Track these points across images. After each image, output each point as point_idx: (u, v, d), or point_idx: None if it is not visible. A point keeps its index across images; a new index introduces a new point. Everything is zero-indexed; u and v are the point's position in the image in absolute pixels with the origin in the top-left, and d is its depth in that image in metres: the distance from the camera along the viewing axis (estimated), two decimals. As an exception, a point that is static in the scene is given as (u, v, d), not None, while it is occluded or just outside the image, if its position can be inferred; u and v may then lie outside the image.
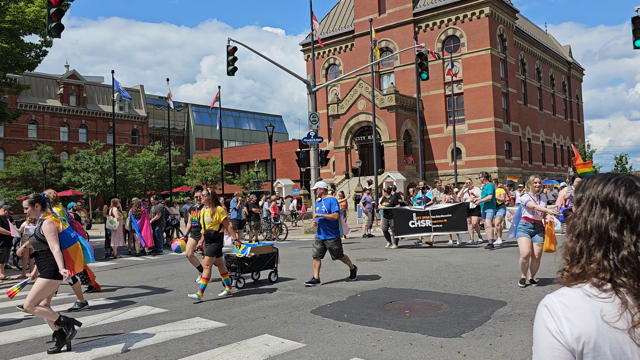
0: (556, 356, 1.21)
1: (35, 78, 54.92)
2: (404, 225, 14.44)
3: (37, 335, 6.45)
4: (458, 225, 13.96)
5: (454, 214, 14.01)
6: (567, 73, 60.48)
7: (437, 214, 14.16)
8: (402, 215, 14.57)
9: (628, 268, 1.22)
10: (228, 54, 19.22)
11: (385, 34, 45.32)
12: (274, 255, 9.90)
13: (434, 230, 14.20)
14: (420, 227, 14.31)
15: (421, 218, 14.28)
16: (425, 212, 14.28)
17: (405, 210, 14.66)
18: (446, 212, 14.10)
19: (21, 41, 21.37)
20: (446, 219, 14.04)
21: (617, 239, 1.25)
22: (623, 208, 1.27)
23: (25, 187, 46.80)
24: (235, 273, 9.32)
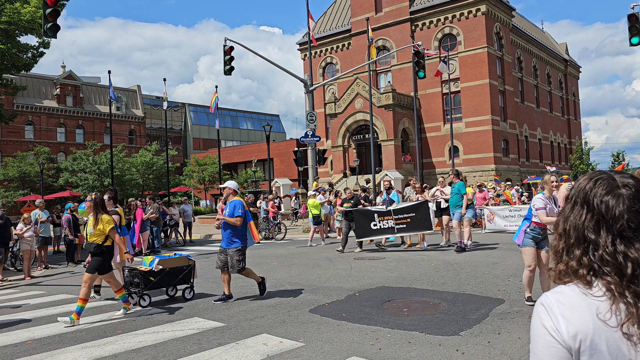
0: (553, 354, 1.21)
1: (32, 79, 54.79)
2: (366, 227, 13.60)
3: (35, 336, 6.44)
4: (422, 224, 13.16)
5: (417, 212, 13.18)
6: (563, 71, 60.56)
7: (399, 214, 13.34)
8: (363, 216, 13.71)
9: (608, 267, 1.23)
10: (225, 53, 19.20)
11: (382, 32, 45.31)
12: (190, 269, 8.55)
13: (397, 232, 13.38)
14: (383, 229, 13.47)
15: (383, 219, 13.43)
16: (387, 212, 13.46)
17: (366, 211, 13.81)
18: (409, 212, 13.28)
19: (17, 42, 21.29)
20: (409, 218, 13.21)
21: (594, 239, 1.26)
22: (598, 208, 1.27)
23: (22, 189, 46.70)
24: (138, 290, 7.94)
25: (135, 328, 6.61)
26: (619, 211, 1.25)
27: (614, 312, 1.19)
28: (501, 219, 17.65)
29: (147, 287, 8.01)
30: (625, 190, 1.27)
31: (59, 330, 6.67)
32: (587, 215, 1.29)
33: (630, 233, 1.23)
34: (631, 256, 1.21)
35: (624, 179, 1.30)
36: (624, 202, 1.25)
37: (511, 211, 17.54)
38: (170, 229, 19.65)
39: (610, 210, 1.26)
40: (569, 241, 1.31)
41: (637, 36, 15.77)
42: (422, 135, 43.56)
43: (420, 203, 13.42)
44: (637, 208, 1.25)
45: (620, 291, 1.20)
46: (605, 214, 1.26)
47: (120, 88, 63.63)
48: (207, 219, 32.84)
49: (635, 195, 1.26)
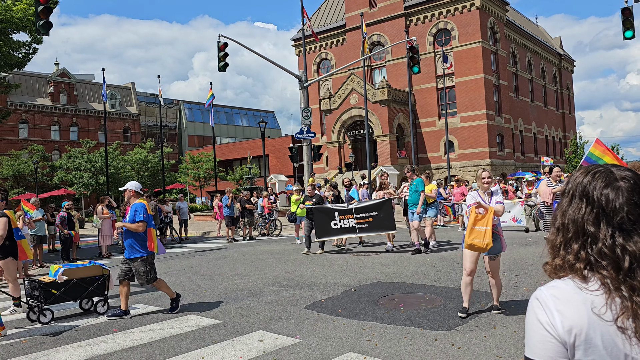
0: (548, 348, 1.21)
1: (25, 77, 54.48)
2: (326, 226, 12.74)
3: (29, 335, 6.41)
4: (385, 224, 12.33)
5: (380, 211, 12.33)
6: (558, 65, 60.69)
7: (361, 212, 12.48)
8: (323, 215, 12.83)
9: (606, 261, 1.23)
10: (219, 50, 19.13)
11: (377, 28, 45.26)
12: (104, 279, 7.61)
13: (358, 231, 12.57)
14: (344, 228, 12.63)
15: (344, 217, 12.60)
16: (348, 210, 12.64)
17: (327, 210, 12.91)
18: (371, 210, 12.43)
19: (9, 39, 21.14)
20: (372, 217, 12.37)
21: (593, 232, 1.26)
22: (598, 200, 1.27)
23: (16, 187, 46.49)
24: (38, 304, 6.95)
25: (131, 326, 6.59)
26: (619, 204, 1.24)
27: (609, 306, 1.18)
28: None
29: (48, 301, 6.98)
30: (623, 183, 1.27)
31: (54, 329, 6.65)
32: (586, 209, 1.28)
33: (630, 225, 1.23)
34: (629, 249, 1.21)
35: (621, 172, 1.30)
36: (622, 194, 1.25)
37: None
38: (166, 226, 19.61)
39: (611, 202, 1.25)
40: (567, 235, 1.30)
41: (631, 30, 15.80)
42: (417, 131, 43.60)
43: (383, 201, 12.46)
44: (635, 200, 1.24)
45: (616, 285, 1.20)
46: (606, 207, 1.26)
47: (115, 85, 63.35)
48: (203, 216, 32.79)
49: (633, 188, 1.26)
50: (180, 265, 12.46)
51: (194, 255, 14.83)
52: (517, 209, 15.61)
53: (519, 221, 15.55)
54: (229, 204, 18.80)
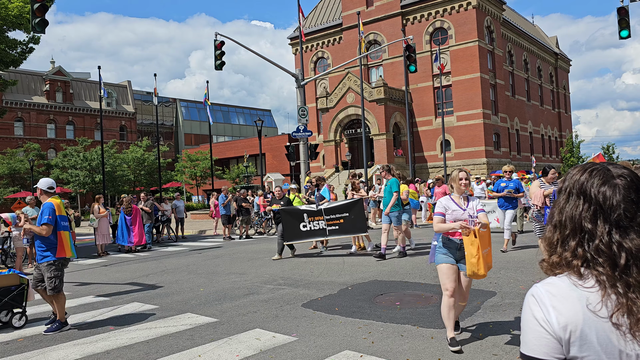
0: (544, 345, 1.22)
1: (21, 75, 54.28)
2: (295, 228, 12.14)
3: (26, 334, 6.40)
4: (357, 226, 11.76)
5: (351, 212, 11.76)
6: (554, 64, 60.81)
7: (331, 214, 11.89)
8: (292, 217, 12.21)
9: (603, 257, 1.24)
10: (216, 48, 19.10)
11: (373, 26, 45.25)
12: (22, 289, 6.86)
13: (329, 234, 11.96)
14: (314, 231, 12.03)
15: (313, 219, 12.00)
16: (317, 212, 12.02)
17: (295, 211, 12.29)
18: (342, 211, 11.84)
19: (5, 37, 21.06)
20: (342, 219, 11.80)
21: (591, 229, 1.27)
22: (595, 198, 1.28)
23: (12, 185, 46.34)
24: None
25: (127, 324, 6.59)
26: (616, 201, 1.26)
27: (604, 302, 1.19)
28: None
29: None
30: (620, 181, 1.28)
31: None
32: (584, 206, 1.30)
33: (627, 222, 1.24)
34: (625, 246, 1.22)
35: (618, 170, 1.31)
36: (620, 192, 1.27)
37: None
38: (162, 225, 19.59)
39: (608, 200, 1.27)
40: (565, 232, 1.32)
41: (627, 29, 15.85)
42: (414, 129, 43.63)
43: (354, 202, 11.94)
44: (632, 198, 1.26)
45: (611, 282, 1.21)
46: (603, 204, 1.27)
47: (111, 84, 63.15)
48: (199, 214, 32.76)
49: (630, 185, 1.27)
50: (177, 264, 12.45)
51: (190, 253, 14.82)
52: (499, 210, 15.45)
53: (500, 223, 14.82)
54: (226, 203, 18.80)
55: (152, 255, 15.16)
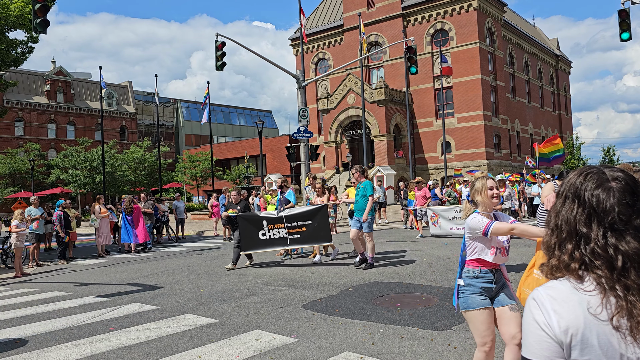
0: (545, 348, 1.22)
1: (22, 75, 54.31)
2: (253, 236, 11.12)
3: (26, 334, 6.40)
4: (320, 234, 10.75)
5: (315, 219, 10.76)
6: (554, 66, 60.82)
7: (293, 221, 10.89)
8: (250, 223, 11.17)
9: (599, 260, 1.24)
10: (217, 49, 19.11)
11: (374, 28, 45.27)
12: None
13: (290, 242, 10.98)
14: (273, 239, 11.02)
15: (273, 227, 10.99)
16: (278, 219, 10.98)
17: (253, 218, 11.30)
18: (304, 218, 10.83)
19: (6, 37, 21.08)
20: (305, 227, 10.80)
21: (586, 233, 1.27)
22: (589, 201, 1.29)
23: (12, 185, 46.33)
24: None
25: (127, 325, 6.59)
26: (610, 204, 1.26)
27: (604, 305, 1.20)
28: (446, 221, 14.76)
29: None
30: (615, 184, 1.29)
31: (50, 328, 6.64)
32: (578, 209, 1.30)
33: (622, 226, 1.24)
34: (622, 249, 1.22)
35: (613, 173, 1.32)
36: (614, 195, 1.27)
37: (457, 212, 14.55)
38: (162, 225, 19.59)
39: (601, 203, 1.27)
40: (561, 236, 1.32)
41: (628, 31, 15.85)
42: (415, 131, 43.64)
43: (317, 208, 10.93)
44: (627, 201, 1.26)
45: (610, 284, 1.21)
46: (597, 207, 1.27)
47: (112, 84, 63.20)
48: (200, 215, 32.76)
49: (625, 188, 1.28)
50: (177, 265, 12.45)
51: (190, 254, 14.82)
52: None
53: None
54: (226, 203, 18.78)
55: (152, 255, 15.16)
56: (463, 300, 3.67)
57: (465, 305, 3.65)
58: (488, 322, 3.64)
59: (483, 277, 3.62)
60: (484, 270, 3.63)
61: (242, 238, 11.21)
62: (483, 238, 3.58)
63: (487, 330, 3.63)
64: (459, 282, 3.74)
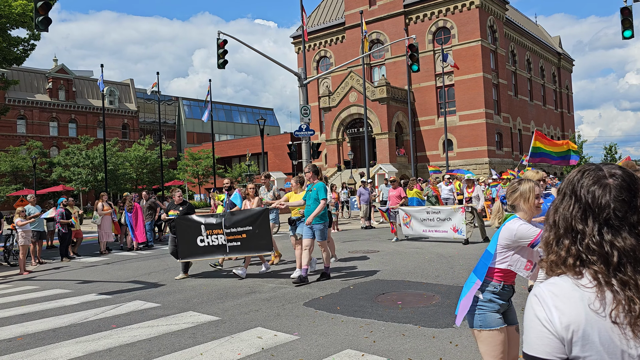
0: (546, 344, 1.23)
1: (24, 73, 54.37)
2: (191, 243, 9.97)
3: (28, 331, 6.42)
4: (261, 243, 9.51)
5: (255, 225, 9.54)
6: (557, 64, 60.71)
7: (232, 227, 9.66)
8: (188, 228, 10.09)
9: (595, 256, 1.25)
10: (218, 47, 19.11)
11: (376, 25, 45.22)
12: None
13: (229, 251, 9.74)
14: (212, 246, 9.84)
15: (212, 232, 9.82)
16: (217, 224, 9.80)
17: (192, 222, 10.09)
18: (245, 224, 9.61)
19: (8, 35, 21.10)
20: (245, 233, 9.59)
21: (581, 229, 1.29)
22: (584, 198, 1.30)
23: (15, 183, 46.40)
24: None
25: (129, 322, 6.60)
26: (605, 200, 1.27)
27: (601, 300, 1.20)
28: (419, 223, 13.76)
29: None
30: (612, 180, 1.30)
31: (52, 325, 6.66)
32: (574, 206, 1.32)
33: (617, 222, 1.25)
34: (617, 245, 1.23)
35: (611, 170, 1.33)
36: (610, 191, 1.28)
37: (429, 213, 13.58)
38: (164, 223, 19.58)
39: (597, 199, 1.28)
40: (559, 232, 1.34)
41: (630, 29, 15.82)
42: (416, 129, 43.61)
43: (258, 212, 9.66)
44: (623, 197, 1.27)
45: (606, 279, 1.22)
46: (592, 204, 1.29)
47: (114, 82, 63.23)
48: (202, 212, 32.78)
49: (621, 185, 1.28)
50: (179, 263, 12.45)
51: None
52: (457, 217, 12.90)
53: (459, 231, 12.83)
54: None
55: (154, 253, 15.18)
56: (480, 317, 3.18)
57: (483, 323, 3.16)
58: (505, 343, 3.20)
59: (503, 294, 3.20)
60: (506, 287, 3.22)
61: (180, 244, 10.08)
62: (525, 249, 3.14)
63: (504, 353, 3.18)
64: (479, 296, 3.22)
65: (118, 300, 8.12)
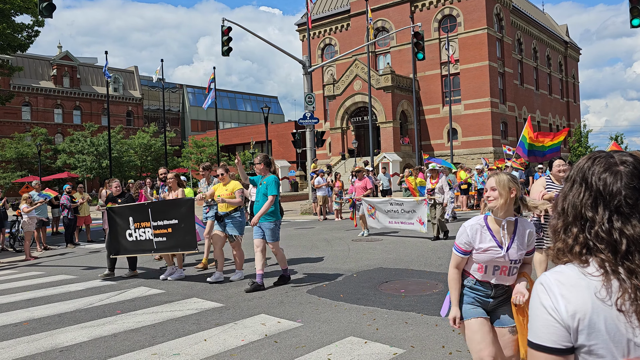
0: (552, 332, 1.22)
1: (28, 59, 54.34)
2: (120, 236, 8.98)
3: (34, 316, 6.47)
4: (185, 239, 8.28)
5: (181, 219, 8.31)
6: (563, 53, 60.21)
7: (159, 218, 8.50)
8: (120, 219, 9.02)
9: (603, 244, 1.24)
10: (223, 34, 19.03)
11: (381, 13, 44.89)
12: None
13: (156, 247, 8.58)
14: (140, 242, 8.74)
15: (140, 225, 8.72)
16: (144, 215, 8.68)
17: (123, 213, 9.00)
18: (171, 215, 8.40)
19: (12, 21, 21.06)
20: (171, 227, 8.40)
21: (591, 216, 1.27)
22: (596, 185, 1.29)
23: (20, 170, 46.62)
24: None
25: (134, 308, 6.64)
26: (617, 188, 1.26)
27: (607, 289, 1.19)
28: (383, 215, 12.81)
29: None
30: (623, 167, 1.28)
31: (58, 310, 6.71)
32: (585, 193, 1.30)
33: (628, 209, 1.24)
34: (627, 233, 1.22)
35: (622, 157, 1.32)
36: (621, 178, 1.27)
37: (393, 205, 12.61)
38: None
39: (608, 186, 1.27)
40: (567, 219, 1.33)
41: (638, 18, 15.63)
42: (421, 118, 43.45)
43: (182, 202, 8.52)
44: (635, 185, 1.25)
45: (613, 268, 1.21)
46: (603, 191, 1.27)
47: (118, 69, 63.13)
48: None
49: (633, 172, 1.27)
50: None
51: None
52: (422, 210, 11.91)
53: (425, 225, 11.90)
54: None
55: (158, 240, 15.23)
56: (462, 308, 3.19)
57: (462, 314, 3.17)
58: (483, 332, 3.07)
59: (479, 290, 3.16)
60: (480, 283, 3.15)
61: (110, 238, 9.15)
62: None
63: (483, 341, 3.04)
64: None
65: (123, 287, 8.16)
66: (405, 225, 12.26)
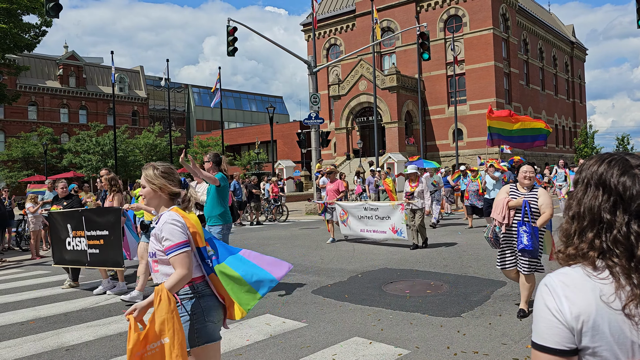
0: (555, 334, 1.22)
1: (35, 59, 54.60)
2: (62, 244, 8.29)
3: (40, 315, 6.51)
4: (109, 255, 7.56)
5: (111, 230, 7.56)
6: (569, 53, 59.96)
7: (92, 227, 7.76)
8: (60, 226, 8.36)
9: (620, 248, 1.23)
10: (228, 34, 19.08)
11: (387, 13, 44.83)
12: None
13: (89, 260, 7.81)
14: (76, 251, 8.02)
15: (76, 234, 8.00)
16: (79, 224, 7.97)
17: (61, 220, 8.32)
18: (102, 226, 7.64)
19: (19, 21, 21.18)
20: (102, 239, 7.65)
21: (610, 220, 1.26)
22: (615, 188, 1.27)
23: (26, 169, 46.85)
24: None
25: (139, 307, 6.66)
26: (636, 191, 1.25)
27: (618, 293, 1.19)
28: (357, 221, 11.93)
29: None
30: (639, 171, 1.28)
31: (64, 309, 6.74)
32: (603, 197, 1.29)
33: None
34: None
35: (636, 160, 1.31)
36: (639, 182, 1.26)
37: (367, 210, 11.75)
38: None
39: (628, 190, 1.26)
40: (583, 223, 1.31)
41: (645, 18, 15.57)
42: (426, 118, 43.36)
43: (113, 213, 7.65)
44: None
45: (626, 273, 1.21)
46: (623, 194, 1.26)
47: (124, 69, 63.34)
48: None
49: None
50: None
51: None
52: (397, 216, 11.04)
53: (399, 232, 10.99)
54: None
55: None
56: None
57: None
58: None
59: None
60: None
61: (54, 246, 8.61)
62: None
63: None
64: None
65: (128, 286, 8.19)
66: (377, 234, 11.50)
